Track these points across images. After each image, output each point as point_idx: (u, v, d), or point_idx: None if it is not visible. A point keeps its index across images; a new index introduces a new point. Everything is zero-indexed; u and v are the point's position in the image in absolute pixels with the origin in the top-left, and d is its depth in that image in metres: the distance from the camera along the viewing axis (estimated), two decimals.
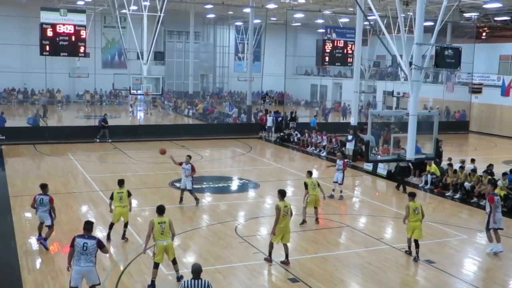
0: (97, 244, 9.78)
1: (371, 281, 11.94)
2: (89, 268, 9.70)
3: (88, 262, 9.68)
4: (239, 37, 43.39)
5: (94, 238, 9.88)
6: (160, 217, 11.29)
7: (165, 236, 11.14)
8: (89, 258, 9.68)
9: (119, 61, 50.75)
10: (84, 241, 9.73)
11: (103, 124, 30.42)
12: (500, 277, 12.47)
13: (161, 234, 11.10)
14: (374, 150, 19.09)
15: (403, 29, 15.22)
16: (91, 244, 9.71)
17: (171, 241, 11.28)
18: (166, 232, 11.14)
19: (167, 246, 11.16)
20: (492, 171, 20.07)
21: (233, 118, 38.80)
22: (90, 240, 9.78)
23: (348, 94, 37.98)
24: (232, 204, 18.18)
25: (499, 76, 38.73)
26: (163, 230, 11.11)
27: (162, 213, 11.40)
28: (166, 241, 11.15)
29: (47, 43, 24.96)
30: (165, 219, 11.25)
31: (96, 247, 9.75)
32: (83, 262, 9.66)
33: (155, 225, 11.09)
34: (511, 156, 28.97)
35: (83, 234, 9.92)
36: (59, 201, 17.50)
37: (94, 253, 9.74)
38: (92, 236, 9.96)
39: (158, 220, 11.20)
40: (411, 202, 13.26)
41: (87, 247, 9.67)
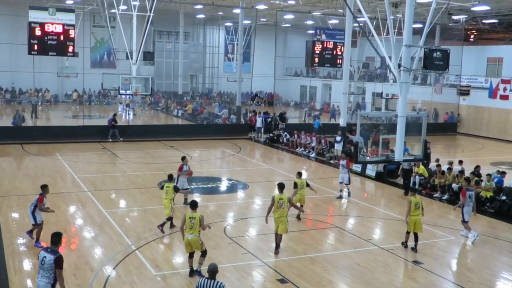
0: (54, 261, 8.47)
1: (359, 281, 11.98)
2: (44, 284, 8.56)
3: (43, 277, 8.57)
4: (229, 37, 43.38)
5: (54, 254, 8.56)
6: (192, 212, 11.62)
7: (193, 231, 11.47)
8: (45, 274, 8.54)
9: (108, 61, 50.53)
10: (44, 255, 8.60)
11: (113, 124, 30.64)
12: (486, 278, 12.56)
13: (190, 228, 11.49)
14: (363, 151, 19.15)
15: (392, 31, 15.32)
16: (49, 259, 8.50)
17: (197, 237, 11.51)
18: (195, 227, 11.47)
19: (190, 240, 11.51)
20: (479, 172, 20.23)
21: (222, 118, 38.78)
22: (49, 254, 8.56)
23: (337, 95, 38.10)
24: (221, 204, 18.16)
25: (487, 78, 39.03)
26: (192, 225, 11.49)
27: (195, 209, 11.69)
28: (191, 236, 11.47)
29: (35, 42, 24.79)
30: (196, 215, 11.56)
31: (53, 263, 8.47)
32: (40, 277, 8.65)
33: (186, 219, 11.55)
34: (499, 157, 29.21)
35: (47, 247, 8.82)
36: (46, 201, 17.41)
37: (50, 270, 8.50)
38: (54, 250, 8.64)
39: (190, 215, 11.58)
40: (413, 197, 13.95)
41: (45, 261, 8.53)
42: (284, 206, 13.19)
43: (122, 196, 19.09)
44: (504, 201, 18.03)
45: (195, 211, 11.67)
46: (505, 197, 18.29)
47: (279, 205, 13.16)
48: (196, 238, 11.52)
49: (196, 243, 11.58)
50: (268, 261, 12.81)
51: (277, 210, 13.17)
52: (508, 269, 13.34)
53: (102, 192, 18.92)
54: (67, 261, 12.40)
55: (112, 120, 30.80)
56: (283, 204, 13.17)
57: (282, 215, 13.19)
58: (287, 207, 13.30)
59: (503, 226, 16.78)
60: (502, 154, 31.30)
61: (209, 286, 8.08)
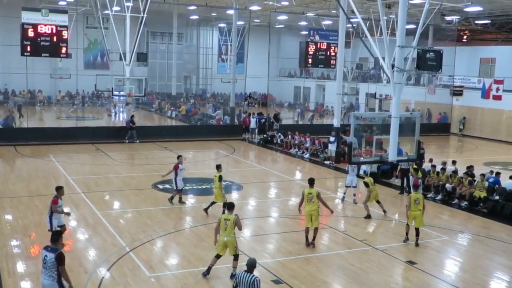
0: (55, 258, 8.64)
1: (353, 282, 12.00)
2: (49, 282, 8.72)
3: (47, 276, 8.74)
4: (223, 38, 43.38)
5: (55, 251, 8.72)
6: (228, 214, 11.79)
7: (228, 232, 11.59)
8: (48, 273, 8.71)
9: (102, 62, 50.40)
10: (45, 254, 8.78)
11: (131, 125, 30.83)
12: (480, 278, 12.61)
13: (224, 230, 11.63)
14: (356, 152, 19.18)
15: (386, 32, 15.36)
16: (50, 258, 8.67)
17: (233, 238, 11.66)
18: (229, 229, 11.59)
19: (227, 242, 11.65)
20: (472, 172, 20.31)
21: (216, 119, 38.76)
22: (50, 253, 8.74)
23: (331, 96, 38.14)
24: (215, 206, 18.11)
25: (480, 78, 39.19)
26: (226, 226, 11.60)
27: (231, 210, 11.84)
28: (227, 237, 11.60)
29: (28, 44, 24.68)
30: (230, 217, 11.67)
31: (54, 261, 8.63)
32: (44, 275, 8.83)
33: (221, 221, 11.70)
34: (492, 157, 29.34)
35: (47, 246, 8.97)
36: (40, 203, 17.39)
37: (53, 268, 8.66)
38: (54, 248, 8.80)
39: (225, 216, 11.77)
40: (413, 193, 14.66)
41: (46, 260, 8.71)
42: (314, 200, 13.67)
43: (116, 198, 19.04)
44: (497, 201, 18.10)
45: (231, 212, 11.78)
46: (498, 197, 18.37)
47: (308, 199, 13.68)
48: (232, 239, 11.67)
49: (232, 244, 11.72)
50: (263, 262, 12.80)
51: (307, 205, 13.67)
52: (502, 268, 13.39)
53: (95, 194, 18.86)
54: None
55: (130, 122, 31.11)
56: (313, 198, 13.67)
57: (311, 209, 13.63)
58: (317, 202, 13.71)
59: (496, 226, 16.85)
60: (495, 154, 31.44)
61: (244, 279, 8.45)
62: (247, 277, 8.43)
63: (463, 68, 41.18)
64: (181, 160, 17.59)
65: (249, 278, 8.41)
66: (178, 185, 17.47)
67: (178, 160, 17.57)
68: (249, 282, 8.38)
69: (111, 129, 34.17)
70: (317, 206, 13.76)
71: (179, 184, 17.45)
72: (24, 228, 14.90)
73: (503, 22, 43.28)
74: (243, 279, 8.46)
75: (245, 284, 8.39)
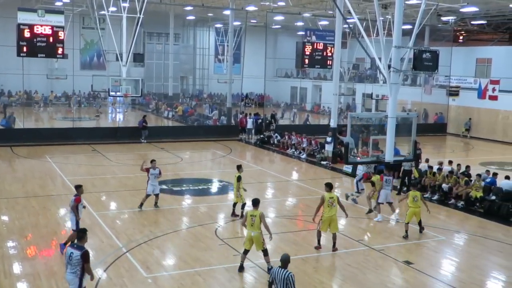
0: (81, 256, 9.06)
1: (350, 282, 12.01)
2: (72, 277, 9.15)
3: (71, 272, 9.14)
4: (219, 39, 43.31)
5: (81, 249, 9.14)
6: (254, 210, 12.08)
7: (254, 228, 11.91)
8: (72, 269, 9.12)
9: (98, 63, 50.31)
10: (71, 251, 9.17)
11: (144, 125, 31.26)
12: (477, 277, 12.63)
13: (251, 225, 11.96)
14: (353, 152, 19.18)
15: (382, 32, 15.37)
16: (76, 255, 9.07)
17: (259, 234, 11.91)
18: (256, 225, 11.90)
19: (254, 237, 11.93)
20: (469, 172, 20.36)
21: (213, 120, 38.75)
22: (76, 250, 9.15)
23: (328, 96, 38.17)
24: (212, 206, 18.14)
25: (476, 79, 39.28)
26: (253, 222, 11.94)
27: (256, 206, 12.14)
28: (254, 233, 11.89)
29: (24, 44, 24.62)
30: (256, 213, 11.99)
31: (80, 259, 9.05)
32: (68, 270, 9.23)
33: (248, 217, 12.05)
34: (488, 157, 29.41)
35: (73, 243, 9.53)
36: (36, 203, 17.37)
37: (77, 265, 9.07)
38: (80, 246, 9.22)
39: (251, 212, 12.06)
40: (412, 191, 15.18)
41: (72, 257, 9.10)
42: (335, 205, 13.57)
43: (113, 198, 19.02)
44: (493, 201, 18.14)
45: (257, 208, 12.06)
46: (495, 197, 18.41)
47: (330, 204, 13.49)
48: (258, 235, 11.89)
49: (258, 240, 11.94)
50: (260, 263, 12.80)
51: (328, 209, 13.48)
52: (498, 268, 13.42)
53: (92, 195, 18.82)
54: (57, 264, 12.39)
55: (143, 122, 31.50)
56: (334, 203, 13.54)
57: (333, 214, 13.52)
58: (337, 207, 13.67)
59: (492, 226, 16.89)
60: (491, 154, 31.51)
61: (279, 274, 8.68)
62: (282, 273, 8.66)
63: (459, 68, 41.28)
64: (153, 165, 16.91)
65: (284, 274, 8.63)
66: (147, 190, 16.89)
67: (151, 165, 16.96)
68: (283, 278, 8.60)
69: (107, 129, 34.12)
70: (336, 210, 13.71)
71: (148, 189, 16.86)
72: (20, 229, 14.86)
73: (499, 23, 43.42)
74: (277, 275, 8.68)
75: (280, 279, 8.63)
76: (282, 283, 8.58)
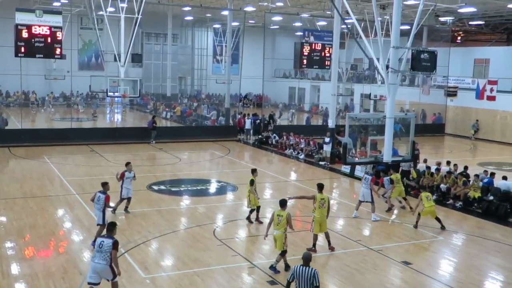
0: (112, 243, 9.86)
1: (348, 282, 12.01)
2: (102, 265, 9.81)
3: (101, 259, 9.80)
4: (217, 39, 43.34)
5: (111, 238, 9.96)
6: (280, 210, 12.27)
7: (279, 227, 12.10)
8: (103, 256, 9.80)
9: (96, 63, 50.28)
10: (102, 240, 9.96)
11: (154, 126, 31.57)
12: (475, 277, 12.65)
13: (276, 224, 12.17)
14: (351, 153, 19.21)
15: (380, 33, 15.40)
16: (107, 243, 9.85)
17: (282, 233, 12.08)
18: (281, 224, 12.08)
19: (276, 236, 12.15)
20: (467, 173, 20.38)
21: (211, 120, 38.74)
22: (107, 239, 9.93)
23: (326, 97, 38.17)
24: (210, 206, 18.14)
25: (474, 79, 39.32)
26: (279, 221, 12.14)
27: (283, 207, 12.32)
28: (277, 231, 12.12)
29: (22, 45, 24.59)
30: (283, 213, 12.19)
31: (111, 245, 9.83)
32: (97, 259, 9.84)
33: (275, 216, 12.25)
34: (486, 158, 29.44)
35: (103, 234, 10.26)
36: (34, 204, 17.35)
37: (108, 252, 9.82)
38: (111, 236, 10.02)
39: (278, 212, 12.27)
40: (423, 192, 15.94)
41: (103, 245, 9.85)
42: (326, 205, 13.64)
43: (111, 199, 18.90)
44: (491, 201, 18.16)
45: (284, 209, 12.24)
46: (493, 197, 18.43)
47: (321, 205, 13.53)
48: (281, 234, 12.03)
49: (280, 239, 12.11)
50: (258, 263, 12.81)
51: (318, 210, 13.52)
52: (496, 268, 13.44)
53: (90, 195, 18.70)
54: (55, 264, 12.38)
55: (153, 122, 31.75)
56: (325, 204, 13.61)
57: (323, 215, 13.60)
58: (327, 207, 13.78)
59: (490, 226, 16.91)
60: (489, 154, 31.57)
61: (304, 272, 8.77)
62: (307, 271, 8.76)
63: (457, 69, 41.33)
64: (129, 168, 16.50)
65: (309, 271, 8.75)
66: (122, 194, 16.45)
67: (126, 168, 16.54)
68: (309, 275, 8.72)
69: (105, 130, 34.08)
70: (327, 211, 13.76)
71: (123, 193, 16.38)
72: (18, 230, 14.84)
73: (497, 23, 43.48)
74: (302, 273, 8.76)
75: (305, 277, 8.72)
76: (307, 281, 8.70)
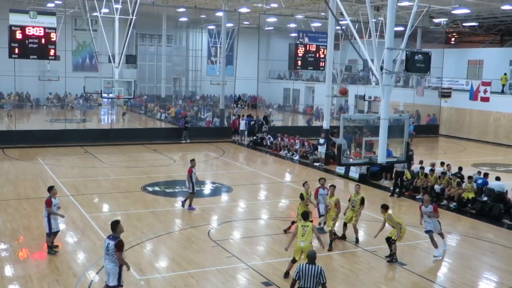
0: (114, 245, 9.67)
1: (343, 284, 12.03)
2: (111, 266, 9.77)
3: (110, 262, 9.75)
4: (212, 40, 43.28)
5: (115, 239, 9.79)
6: (305, 222, 12.15)
7: (305, 238, 11.89)
8: (111, 258, 9.73)
9: (90, 64, 50.13)
10: (108, 242, 9.83)
11: (186, 126, 32.90)
12: (469, 278, 12.68)
13: (302, 235, 11.93)
14: (346, 154, 19.20)
15: (374, 34, 15.40)
16: (111, 245, 9.69)
17: (309, 244, 11.83)
18: (307, 235, 11.91)
19: (303, 247, 11.85)
20: (461, 173, 20.45)
21: (206, 122, 38.71)
22: (111, 241, 9.79)
23: (321, 98, 38.22)
24: (205, 208, 18.11)
25: (468, 80, 39.48)
26: (304, 232, 11.97)
27: (307, 219, 12.21)
28: (304, 243, 11.85)
29: (16, 46, 24.49)
30: (308, 224, 12.08)
31: (114, 248, 9.66)
32: (107, 260, 9.82)
33: (299, 227, 12.06)
34: (480, 159, 29.54)
35: (109, 235, 10.04)
36: (28, 206, 17.29)
37: (114, 254, 9.70)
38: (115, 236, 9.87)
39: (302, 223, 12.13)
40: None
41: (109, 247, 9.74)
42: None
43: (105, 200, 18.96)
44: (485, 202, 18.23)
45: (307, 221, 12.09)
46: (487, 198, 18.50)
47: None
48: (308, 244, 11.82)
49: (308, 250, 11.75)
50: (253, 264, 12.81)
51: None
52: (490, 269, 13.48)
53: (84, 197, 18.78)
54: (49, 266, 12.34)
55: (185, 122, 32.78)
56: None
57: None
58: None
59: (484, 227, 16.97)
60: (483, 155, 31.68)
61: (311, 269, 8.93)
62: (313, 269, 8.91)
63: (451, 70, 41.49)
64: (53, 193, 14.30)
65: (316, 269, 8.90)
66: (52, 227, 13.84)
67: (51, 193, 14.40)
68: (316, 273, 8.88)
69: (100, 131, 34.03)
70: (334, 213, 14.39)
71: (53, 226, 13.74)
72: (12, 232, 14.79)
73: (490, 25, 43.66)
74: (308, 271, 8.89)
75: (311, 275, 8.87)
76: (313, 278, 8.84)
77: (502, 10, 34.42)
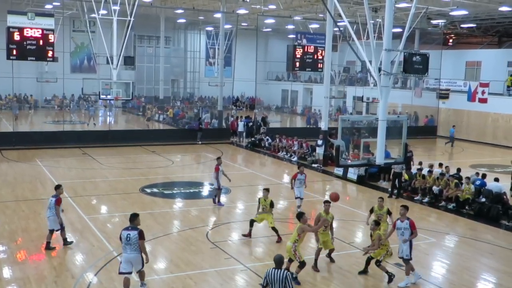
0: (138, 233, 10.60)
1: (341, 285, 12.03)
2: (134, 255, 10.65)
3: (133, 251, 10.62)
4: (210, 42, 43.29)
5: (136, 229, 10.66)
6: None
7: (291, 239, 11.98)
8: (133, 247, 10.60)
9: (89, 66, 50.16)
10: (128, 233, 10.64)
11: (200, 127, 33.41)
12: (467, 279, 12.69)
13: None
14: (344, 155, 19.19)
15: (372, 35, 15.42)
16: (133, 235, 10.58)
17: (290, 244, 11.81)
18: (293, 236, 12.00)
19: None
20: (459, 175, 20.47)
21: (204, 123, 38.68)
22: (132, 231, 10.63)
23: (319, 99, 38.26)
24: (203, 209, 18.11)
25: (466, 82, 39.52)
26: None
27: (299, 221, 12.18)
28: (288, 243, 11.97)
29: (14, 47, 24.48)
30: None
31: (137, 236, 10.56)
32: (129, 250, 10.62)
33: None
34: (478, 160, 29.57)
35: (127, 227, 10.80)
36: (26, 207, 17.26)
37: (136, 243, 10.60)
38: (135, 227, 10.71)
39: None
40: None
41: (130, 237, 10.59)
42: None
43: (103, 202, 18.94)
44: (483, 203, 18.26)
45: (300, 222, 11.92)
46: (485, 199, 18.52)
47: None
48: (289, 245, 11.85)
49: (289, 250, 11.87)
50: (251, 266, 12.80)
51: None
52: (488, 270, 13.50)
53: (83, 198, 18.76)
54: (47, 268, 12.32)
55: (199, 124, 33.36)
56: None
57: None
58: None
59: (482, 228, 16.99)
60: (481, 156, 31.72)
61: (276, 275, 8.71)
62: (279, 273, 8.71)
63: (449, 71, 41.53)
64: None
65: (281, 274, 8.71)
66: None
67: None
68: (281, 278, 8.67)
69: (98, 133, 33.97)
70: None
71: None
72: (10, 233, 14.77)
73: (488, 26, 43.73)
74: (274, 276, 8.69)
75: (277, 280, 8.67)
76: (280, 283, 8.63)
77: (500, 11, 34.47)
